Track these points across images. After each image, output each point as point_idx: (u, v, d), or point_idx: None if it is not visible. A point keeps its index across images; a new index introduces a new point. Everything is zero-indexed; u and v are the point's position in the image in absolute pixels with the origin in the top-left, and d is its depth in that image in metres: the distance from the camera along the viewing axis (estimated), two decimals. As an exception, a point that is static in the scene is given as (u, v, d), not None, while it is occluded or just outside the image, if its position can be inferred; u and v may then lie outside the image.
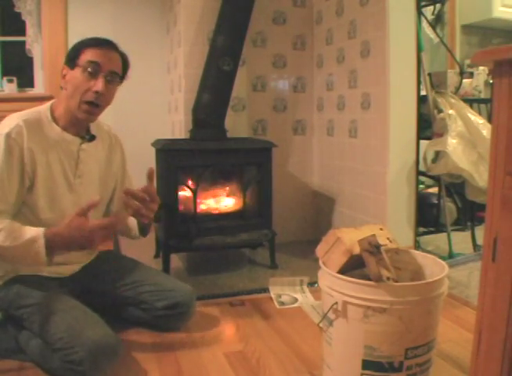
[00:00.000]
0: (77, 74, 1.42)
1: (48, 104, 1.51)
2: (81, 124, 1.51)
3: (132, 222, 1.61)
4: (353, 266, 1.22)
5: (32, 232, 1.29)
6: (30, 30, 2.95)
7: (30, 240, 1.27)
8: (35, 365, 1.37)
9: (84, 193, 1.54)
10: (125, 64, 1.53)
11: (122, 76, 1.52)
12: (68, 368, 1.25)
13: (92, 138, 1.56)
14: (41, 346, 1.34)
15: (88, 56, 1.42)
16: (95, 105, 1.43)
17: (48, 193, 1.44)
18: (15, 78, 2.92)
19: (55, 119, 1.48)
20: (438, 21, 3.26)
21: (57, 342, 1.27)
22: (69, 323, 1.29)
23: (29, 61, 3.04)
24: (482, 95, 2.73)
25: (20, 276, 1.44)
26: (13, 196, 1.36)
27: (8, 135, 1.34)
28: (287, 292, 1.99)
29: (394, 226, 2.13)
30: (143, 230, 1.63)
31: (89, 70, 1.41)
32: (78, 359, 1.23)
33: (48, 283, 1.45)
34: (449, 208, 2.77)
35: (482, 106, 2.78)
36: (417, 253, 1.35)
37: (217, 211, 2.37)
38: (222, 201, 2.39)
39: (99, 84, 1.41)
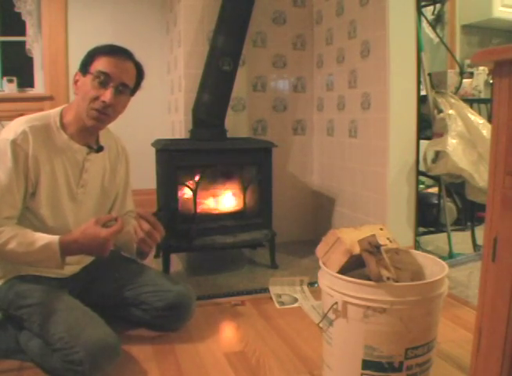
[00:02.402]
0: (87, 81, 1.41)
1: (59, 109, 1.49)
2: (90, 132, 1.50)
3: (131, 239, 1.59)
4: (353, 266, 1.22)
5: (46, 239, 1.32)
6: (30, 30, 2.95)
7: (44, 247, 1.31)
8: (35, 365, 1.37)
9: (85, 202, 1.54)
10: (139, 75, 1.50)
11: (134, 87, 1.49)
12: (68, 368, 1.25)
13: (100, 149, 1.55)
14: (41, 346, 1.34)
15: (100, 64, 1.40)
16: (103, 113, 1.42)
17: (50, 200, 1.44)
18: (15, 78, 2.93)
19: (63, 125, 1.46)
20: (438, 21, 3.26)
21: (57, 342, 1.27)
22: (69, 323, 1.29)
23: (29, 61, 3.04)
24: (482, 95, 2.73)
25: (20, 276, 1.44)
26: (21, 202, 1.38)
27: (13, 142, 1.34)
28: (287, 292, 1.99)
29: (394, 226, 2.13)
30: (141, 255, 1.60)
31: (99, 79, 1.39)
32: (78, 359, 1.23)
33: (49, 284, 1.44)
34: (449, 208, 2.77)
35: (482, 106, 2.78)
36: (417, 253, 1.35)
37: (217, 211, 2.37)
38: (222, 201, 2.39)
39: (107, 95, 1.39)
